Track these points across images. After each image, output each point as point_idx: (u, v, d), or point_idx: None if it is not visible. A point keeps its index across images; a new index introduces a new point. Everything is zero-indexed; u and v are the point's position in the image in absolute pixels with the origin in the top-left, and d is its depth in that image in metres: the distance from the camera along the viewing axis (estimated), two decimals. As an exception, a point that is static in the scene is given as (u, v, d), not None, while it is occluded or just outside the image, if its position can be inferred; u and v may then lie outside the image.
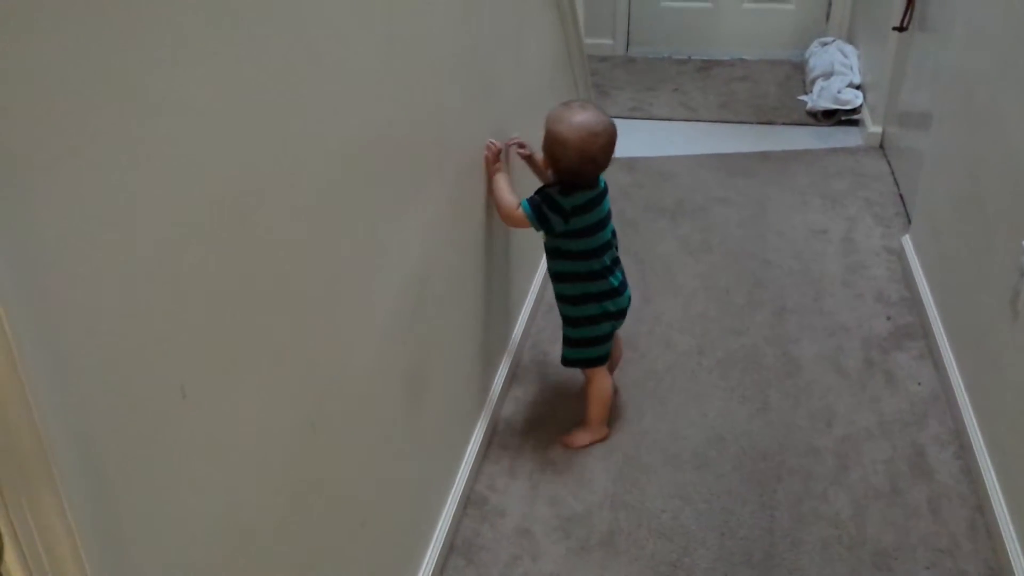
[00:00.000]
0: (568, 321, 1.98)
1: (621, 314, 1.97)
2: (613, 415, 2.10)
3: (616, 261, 1.94)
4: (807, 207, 3.04)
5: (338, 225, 1.18)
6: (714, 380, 2.24)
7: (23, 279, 0.66)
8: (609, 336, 1.99)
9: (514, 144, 1.98)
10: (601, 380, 2.01)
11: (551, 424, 2.11)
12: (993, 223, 1.92)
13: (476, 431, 1.98)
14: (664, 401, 2.17)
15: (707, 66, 4.28)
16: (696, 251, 2.79)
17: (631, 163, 3.28)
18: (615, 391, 2.11)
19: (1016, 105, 1.82)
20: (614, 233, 1.93)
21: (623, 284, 1.95)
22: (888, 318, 2.44)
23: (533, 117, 1.99)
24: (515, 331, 2.30)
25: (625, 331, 2.37)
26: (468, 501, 1.89)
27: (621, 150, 1.90)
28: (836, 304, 2.51)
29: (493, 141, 1.87)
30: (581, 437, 2.04)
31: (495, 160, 1.86)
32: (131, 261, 0.78)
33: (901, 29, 3.02)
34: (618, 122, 1.86)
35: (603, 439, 2.05)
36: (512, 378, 2.24)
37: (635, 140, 3.44)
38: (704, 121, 3.73)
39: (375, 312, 1.34)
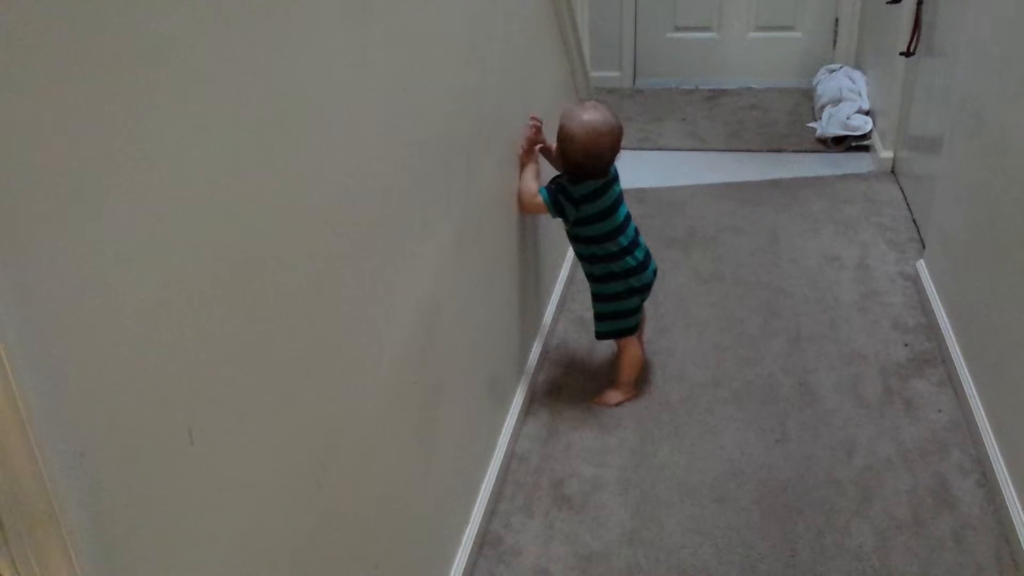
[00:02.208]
0: (597, 298, 2.19)
1: (646, 288, 2.17)
2: (631, 442, 2.09)
3: (634, 241, 2.11)
4: (820, 234, 3.02)
5: (345, 263, 1.18)
6: (730, 412, 2.21)
7: (26, 322, 0.65)
8: (637, 309, 2.20)
9: (532, 131, 2.12)
10: (632, 348, 2.23)
11: (567, 460, 2.08)
12: (1007, 246, 1.90)
13: (490, 469, 1.95)
14: (680, 434, 2.15)
15: (714, 95, 4.29)
16: (708, 281, 2.77)
17: (640, 194, 3.27)
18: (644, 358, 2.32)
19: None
20: (628, 216, 2.10)
21: (646, 259, 2.14)
22: (906, 345, 2.41)
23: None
24: (529, 363, 2.28)
25: (639, 363, 2.36)
26: (483, 540, 1.86)
27: (630, 181, 1.96)
28: (852, 332, 2.48)
29: (535, 117, 2.03)
30: (613, 396, 2.24)
31: (534, 142, 2.04)
32: (136, 303, 0.77)
33: (908, 54, 3.02)
34: (627, 153, 2.01)
35: (632, 398, 2.25)
36: (526, 413, 2.22)
37: (644, 171, 3.44)
38: (713, 150, 3.73)
39: (385, 350, 1.33)
